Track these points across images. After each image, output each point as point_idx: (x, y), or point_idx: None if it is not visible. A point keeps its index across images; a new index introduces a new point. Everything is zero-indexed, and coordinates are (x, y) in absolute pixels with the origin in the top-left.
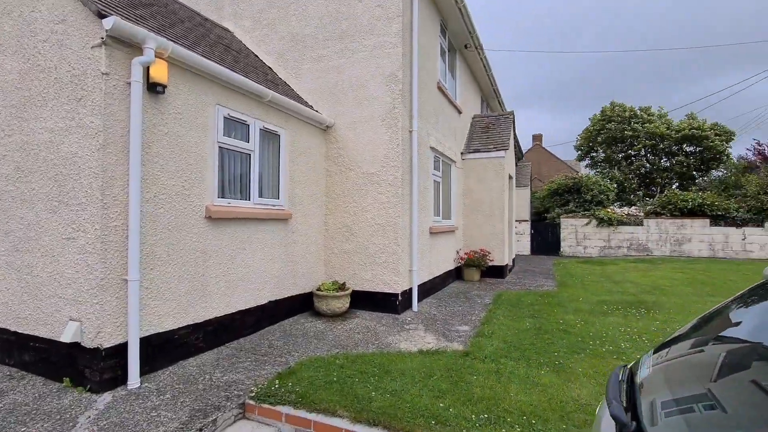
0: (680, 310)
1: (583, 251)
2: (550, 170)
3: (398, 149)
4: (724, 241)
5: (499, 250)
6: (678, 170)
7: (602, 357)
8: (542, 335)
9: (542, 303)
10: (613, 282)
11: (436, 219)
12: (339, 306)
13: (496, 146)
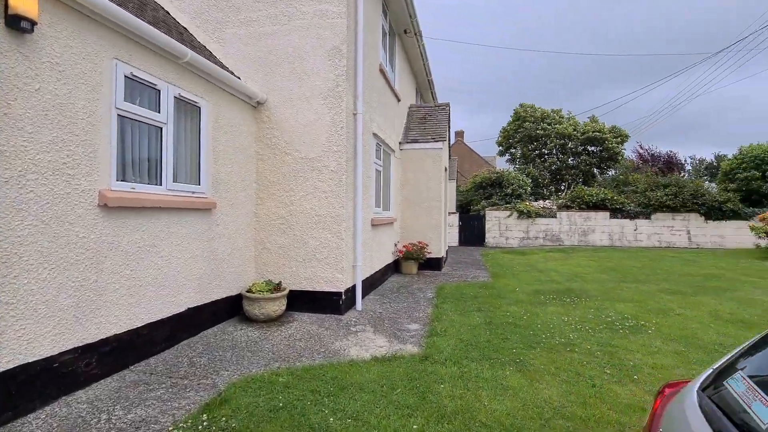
0: (606, 297)
1: (505, 242)
2: (471, 165)
3: (342, 133)
4: (620, 232)
5: (436, 243)
6: (583, 168)
7: (557, 350)
8: (495, 330)
9: (484, 295)
10: (539, 271)
11: (377, 210)
12: (274, 309)
13: (434, 137)
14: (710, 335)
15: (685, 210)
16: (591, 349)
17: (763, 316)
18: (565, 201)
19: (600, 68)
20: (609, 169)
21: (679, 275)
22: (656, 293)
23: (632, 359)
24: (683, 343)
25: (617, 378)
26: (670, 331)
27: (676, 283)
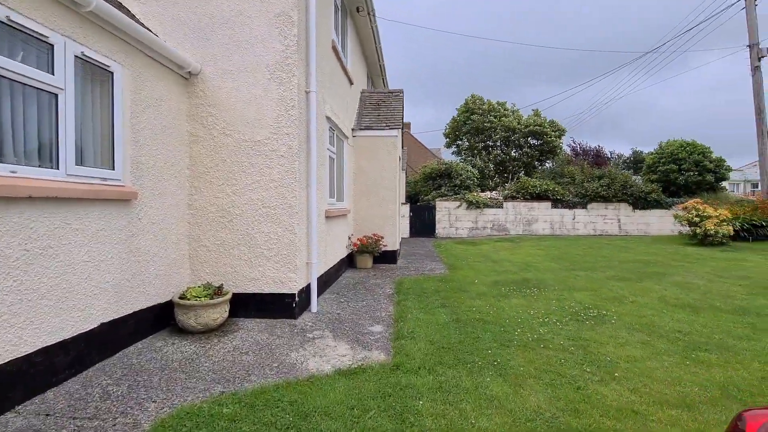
0: (562, 286)
1: (455, 232)
2: (418, 157)
3: (294, 113)
4: (560, 221)
5: (391, 235)
6: (525, 160)
7: (531, 348)
8: (464, 328)
9: (445, 289)
10: (493, 261)
11: (331, 201)
12: (214, 317)
13: (389, 124)
14: (666, 322)
15: (617, 200)
16: (564, 345)
17: (703, 300)
18: (511, 192)
19: (548, 64)
20: (547, 161)
21: (619, 262)
22: (605, 281)
23: (605, 353)
24: (646, 332)
25: (598, 376)
26: (630, 320)
27: (620, 269)
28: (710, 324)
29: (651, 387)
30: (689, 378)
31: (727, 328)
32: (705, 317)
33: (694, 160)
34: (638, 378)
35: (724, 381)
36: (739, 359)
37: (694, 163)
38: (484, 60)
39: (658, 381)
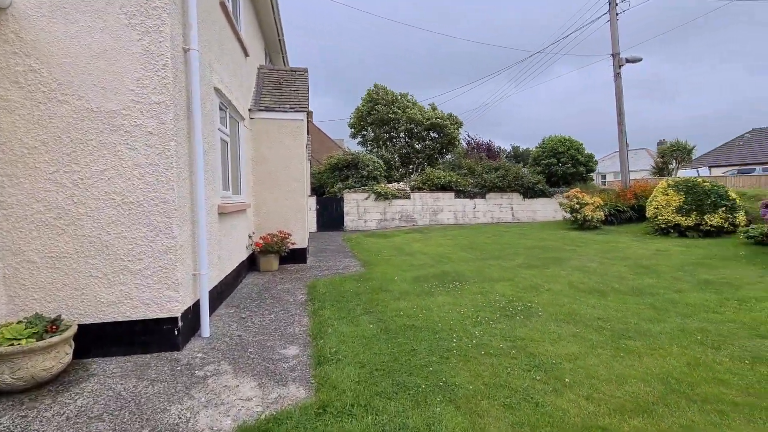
0: (481, 278)
1: (364, 225)
2: (321, 147)
3: (166, 75)
4: (463, 211)
5: (300, 231)
6: (427, 152)
7: (473, 357)
8: (395, 339)
9: (365, 290)
10: (408, 254)
11: (225, 194)
12: (47, 365)
13: (294, 106)
14: (585, 309)
15: (510, 190)
16: (504, 348)
17: (603, 283)
18: (417, 183)
19: (453, 59)
20: (447, 154)
21: (523, 249)
22: (517, 269)
23: (545, 353)
24: (572, 323)
25: (550, 385)
26: (554, 311)
27: (526, 257)
28: (620, 308)
29: (602, 391)
30: (630, 373)
31: (635, 311)
32: (612, 301)
33: (570, 154)
34: (587, 381)
35: (660, 372)
36: (660, 344)
37: (570, 157)
38: (386, 53)
39: (605, 381)
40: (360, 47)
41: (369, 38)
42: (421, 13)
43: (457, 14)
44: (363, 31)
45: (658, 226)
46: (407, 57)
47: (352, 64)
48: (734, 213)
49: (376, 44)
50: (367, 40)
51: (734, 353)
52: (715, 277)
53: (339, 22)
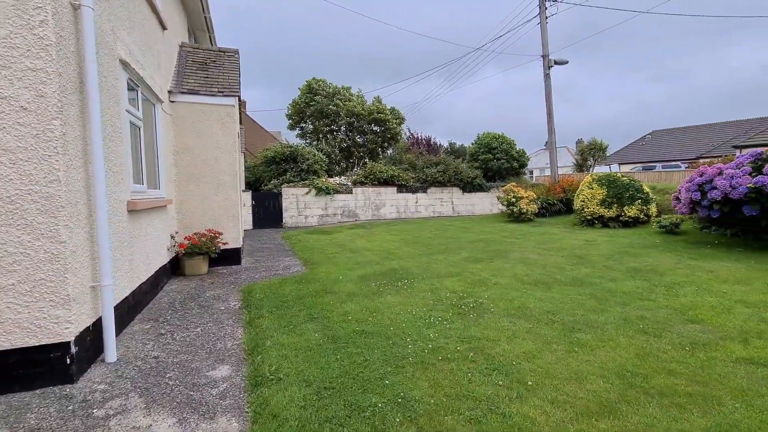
0: (429, 274)
1: (304, 221)
2: (256, 139)
3: (45, 33)
4: (405, 205)
5: (233, 229)
6: (370, 147)
7: (431, 364)
8: (345, 349)
9: (309, 293)
10: (352, 251)
11: (138, 188)
12: None
13: (223, 90)
14: (534, 303)
15: (450, 185)
16: (461, 351)
17: (546, 274)
18: (360, 177)
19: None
20: (389, 148)
21: (466, 242)
22: (463, 263)
23: (503, 353)
24: (524, 318)
25: (514, 391)
26: (505, 306)
27: (470, 250)
28: (565, 299)
29: (565, 392)
30: (587, 369)
31: (579, 302)
32: (557, 292)
33: (504, 150)
34: (548, 382)
35: (614, 366)
36: (608, 335)
37: (504, 153)
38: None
39: (566, 380)
40: (298, 38)
41: (306, 29)
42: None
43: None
44: (300, 20)
45: (585, 217)
46: (346, 50)
47: (290, 56)
48: (648, 205)
49: (316, 36)
50: (304, 31)
51: (674, 340)
52: (641, 265)
53: (276, 7)
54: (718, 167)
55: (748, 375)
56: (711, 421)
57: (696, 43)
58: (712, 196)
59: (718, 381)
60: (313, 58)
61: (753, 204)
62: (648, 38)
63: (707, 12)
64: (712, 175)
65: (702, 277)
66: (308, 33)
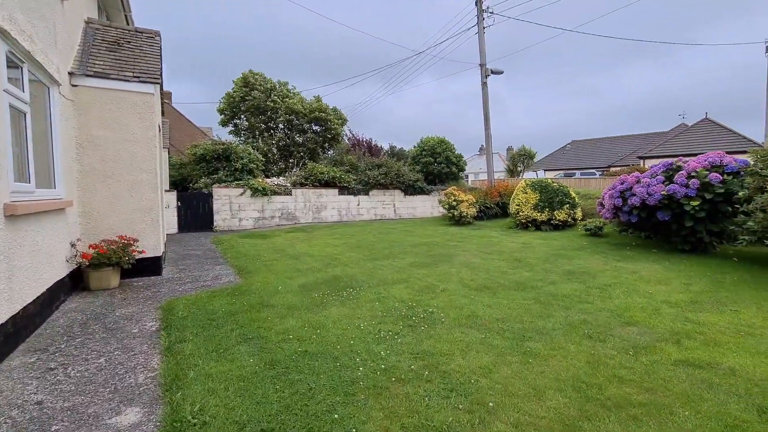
0: (375, 282)
1: (239, 224)
2: (183, 135)
3: None
4: (347, 207)
5: (152, 235)
6: (310, 146)
7: (385, 388)
8: (286, 377)
9: (242, 308)
10: (292, 257)
11: (22, 188)
12: None
13: (140, 75)
14: (483, 310)
15: (393, 187)
16: (416, 370)
17: (490, 279)
18: (299, 178)
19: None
20: (331, 149)
21: (410, 246)
22: (409, 268)
23: (458, 369)
24: (476, 328)
25: (477, 416)
26: (455, 315)
27: (415, 255)
28: (511, 305)
29: (527, 412)
30: (544, 382)
31: (525, 307)
32: (503, 298)
33: (445, 155)
34: (509, 401)
35: (569, 377)
36: (557, 343)
37: (445, 157)
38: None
39: (525, 398)
40: (232, 32)
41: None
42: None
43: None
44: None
45: (520, 221)
46: (283, 46)
47: (223, 50)
48: (574, 209)
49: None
50: (243, 22)
51: (617, 345)
52: (574, 268)
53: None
54: (636, 176)
55: (689, 378)
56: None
57: (603, 63)
58: (632, 203)
59: (664, 387)
60: (248, 52)
61: (665, 210)
62: (565, 57)
63: (612, 34)
64: (631, 183)
65: (628, 278)
66: (243, 26)
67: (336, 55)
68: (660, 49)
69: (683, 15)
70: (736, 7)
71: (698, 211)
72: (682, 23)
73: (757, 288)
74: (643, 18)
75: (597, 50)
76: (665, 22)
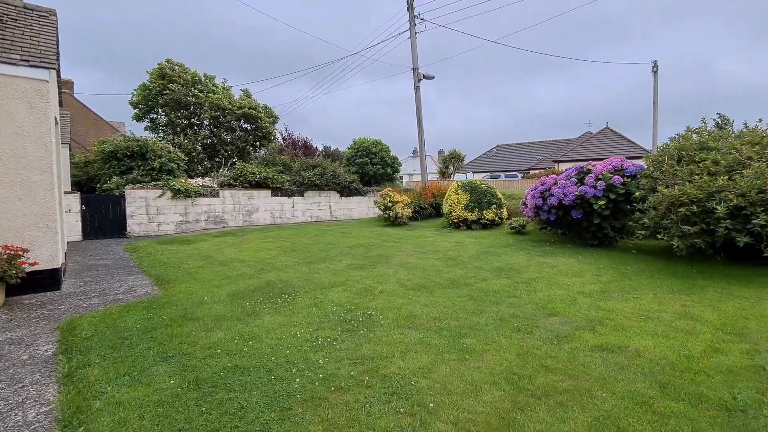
0: (312, 286)
1: (158, 229)
2: (88, 130)
3: None
4: (281, 210)
5: (48, 244)
6: (239, 145)
7: (324, 398)
8: (213, 397)
9: (161, 323)
10: (220, 264)
11: None
12: None
13: (30, 59)
14: (421, 310)
15: (328, 189)
16: (356, 377)
17: (426, 278)
18: (228, 179)
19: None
20: (262, 148)
21: (347, 248)
22: (347, 271)
23: (399, 372)
24: (414, 328)
25: (418, 418)
26: (393, 316)
27: (352, 257)
28: (447, 303)
29: (465, 408)
30: (480, 377)
31: (460, 305)
32: (440, 297)
33: (381, 156)
34: (448, 400)
35: (502, 370)
36: (490, 337)
37: (380, 159)
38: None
39: (463, 395)
40: (150, 20)
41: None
42: None
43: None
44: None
45: (452, 221)
46: (209, 38)
47: (140, 36)
48: (501, 209)
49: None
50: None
51: (543, 335)
52: (503, 264)
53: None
54: (554, 178)
55: (604, 362)
56: (590, 415)
57: (518, 74)
58: (550, 203)
59: (584, 372)
60: (170, 42)
61: (578, 208)
62: (487, 67)
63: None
64: (550, 185)
65: (549, 272)
66: (163, 12)
67: (269, 51)
68: (565, 64)
69: (584, 38)
70: (617, 34)
71: (604, 210)
72: (585, 43)
73: (652, 277)
74: (553, 36)
75: (515, 62)
76: (572, 41)
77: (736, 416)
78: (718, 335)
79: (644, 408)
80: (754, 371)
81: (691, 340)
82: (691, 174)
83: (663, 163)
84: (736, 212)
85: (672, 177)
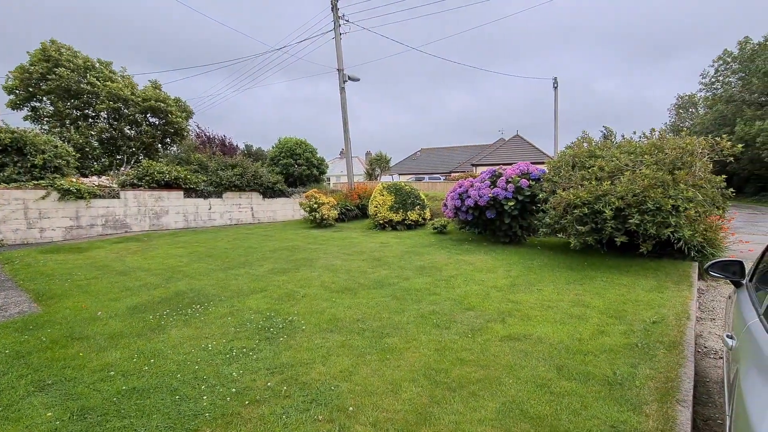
0: (228, 294)
1: (40, 236)
2: None
3: None
4: (195, 212)
5: None
6: (146, 140)
7: (236, 414)
8: (103, 427)
9: (40, 346)
10: (119, 274)
11: None
12: None
13: None
14: (344, 312)
15: (250, 190)
16: (273, 387)
17: (351, 280)
18: (131, 178)
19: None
20: (173, 145)
21: (269, 251)
22: (268, 276)
23: (319, 378)
24: (337, 331)
25: (337, 424)
26: (316, 321)
27: (274, 261)
28: (371, 304)
29: (384, 408)
30: (400, 376)
31: (383, 305)
32: (363, 298)
33: (306, 156)
34: (368, 401)
35: (421, 366)
36: (411, 335)
37: (306, 159)
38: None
39: (383, 395)
40: None
41: None
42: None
43: None
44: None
45: (378, 222)
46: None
47: (19, 10)
48: (424, 210)
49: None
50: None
51: (459, 330)
52: (425, 263)
53: None
54: (471, 181)
55: (512, 351)
56: (498, 402)
57: (437, 81)
58: (468, 204)
59: (494, 361)
60: (60, 21)
61: (492, 209)
62: (403, 74)
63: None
64: (467, 187)
65: (467, 269)
66: None
67: (181, 40)
68: (477, 76)
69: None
70: (519, 53)
71: (513, 210)
72: (490, 58)
73: (553, 270)
74: (464, 50)
75: (431, 71)
76: (480, 57)
77: (616, 389)
78: (603, 319)
79: (543, 390)
80: (629, 348)
81: (582, 325)
82: (583, 179)
83: (561, 168)
84: (617, 213)
85: (568, 181)
